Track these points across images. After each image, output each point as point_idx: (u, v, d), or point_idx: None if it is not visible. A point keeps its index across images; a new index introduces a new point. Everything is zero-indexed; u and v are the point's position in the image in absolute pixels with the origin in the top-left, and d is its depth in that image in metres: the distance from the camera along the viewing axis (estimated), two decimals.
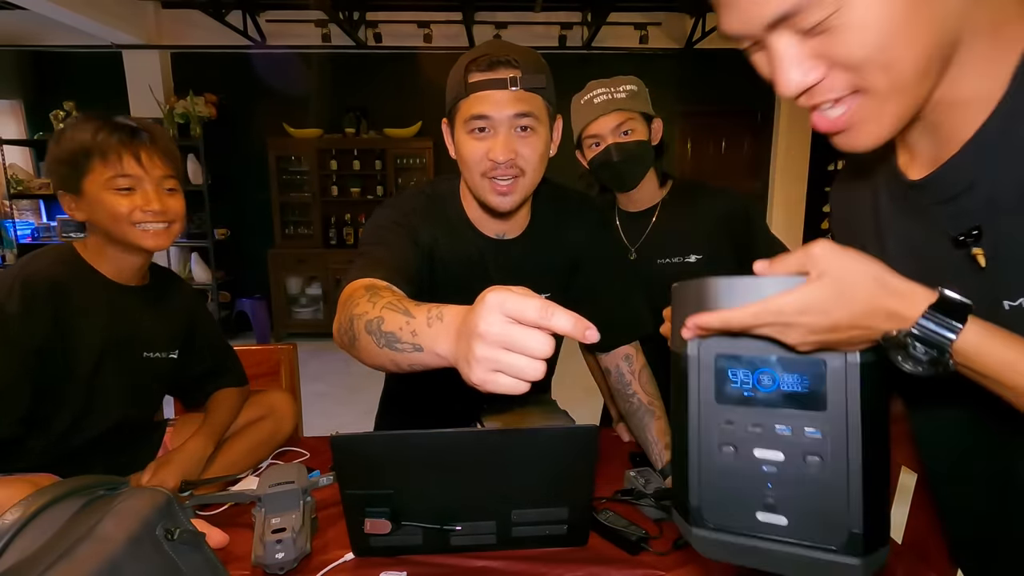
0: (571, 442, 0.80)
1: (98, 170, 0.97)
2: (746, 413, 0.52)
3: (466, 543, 0.85)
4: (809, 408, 0.51)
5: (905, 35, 0.44)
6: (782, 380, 0.51)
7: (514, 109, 0.90)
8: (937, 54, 0.46)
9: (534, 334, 0.49)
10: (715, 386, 0.54)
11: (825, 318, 0.46)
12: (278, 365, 1.48)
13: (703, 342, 0.54)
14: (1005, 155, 0.48)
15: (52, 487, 0.57)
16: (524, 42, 1.04)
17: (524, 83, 0.90)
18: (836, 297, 0.46)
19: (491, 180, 0.94)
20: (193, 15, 4.72)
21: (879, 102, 0.47)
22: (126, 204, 0.98)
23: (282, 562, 0.79)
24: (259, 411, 1.21)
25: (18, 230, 4.96)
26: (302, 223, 5.16)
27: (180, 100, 4.66)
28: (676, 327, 0.56)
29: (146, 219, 1.00)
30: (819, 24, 0.44)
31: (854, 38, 0.44)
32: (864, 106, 0.48)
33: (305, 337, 5.07)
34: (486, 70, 0.90)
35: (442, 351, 0.58)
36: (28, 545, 0.51)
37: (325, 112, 5.10)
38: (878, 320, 0.47)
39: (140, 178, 0.99)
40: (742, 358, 0.52)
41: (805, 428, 0.51)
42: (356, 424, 1.45)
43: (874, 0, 0.43)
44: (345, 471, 0.79)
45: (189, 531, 0.59)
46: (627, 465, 1.11)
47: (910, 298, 0.47)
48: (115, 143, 0.97)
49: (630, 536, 0.87)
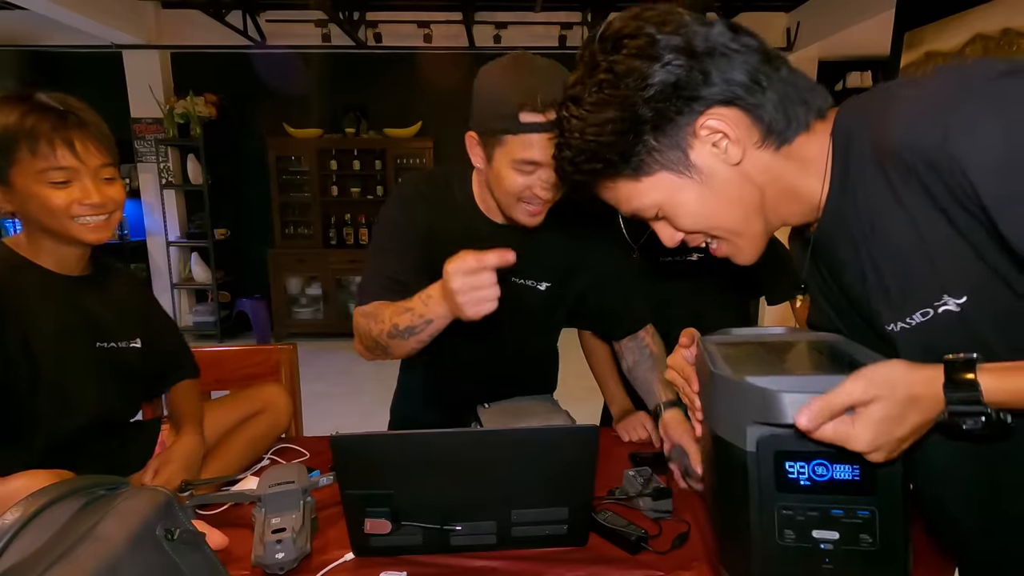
0: (571, 442, 0.80)
1: (27, 161, 0.89)
2: (804, 499, 0.59)
3: (466, 543, 0.85)
4: (860, 493, 0.59)
5: (714, 209, 0.63)
6: (835, 470, 0.58)
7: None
8: (750, 205, 0.63)
9: (480, 275, 0.80)
10: (775, 478, 0.60)
11: (897, 427, 0.52)
12: (278, 365, 1.48)
13: (761, 438, 0.59)
14: (857, 207, 0.59)
15: (53, 487, 0.57)
16: (524, 42, 1.05)
17: None
18: (902, 414, 0.52)
19: (525, 204, 1.00)
20: (193, 15, 4.72)
21: (731, 241, 0.66)
22: (62, 198, 0.91)
23: (282, 562, 0.79)
24: (255, 405, 1.20)
25: (18, 230, 4.96)
26: (302, 223, 5.16)
27: (180, 100, 4.67)
28: (726, 415, 0.62)
29: (85, 213, 0.93)
30: (657, 215, 0.67)
31: (680, 220, 0.65)
32: (723, 243, 0.67)
33: (305, 337, 5.07)
34: (538, 111, 0.91)
35: (443, 313, 0.88)
36: (28, 545, 0.51)
37: (325, 112, 5.10)
38: (928, 415, 0.53)
39: (76, 170, 0.92)
40: (799, 451, 0.59)
41: (857, 510, 0.59)
42: (356, 424, 1.45)
43: (687, 198, 0.63)
44: (345, 471, 0.80)
45: (189, 531, 0.59)
46: (627, 465, 1.11)
47: (934, 383, 0.52)
48: (46, 129, 0.88)
49: (630, 536, 0.86)
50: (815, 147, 0.60)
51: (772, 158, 0.61)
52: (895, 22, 3.63)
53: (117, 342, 1.06)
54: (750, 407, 0.58)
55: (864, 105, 0.59)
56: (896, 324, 0.60)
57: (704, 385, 0.68)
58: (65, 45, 4.80)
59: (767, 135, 0.59)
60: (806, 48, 4.82)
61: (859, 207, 0.58)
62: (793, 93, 0.59)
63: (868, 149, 0.56)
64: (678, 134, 0.60)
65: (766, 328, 0.86)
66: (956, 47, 3.19)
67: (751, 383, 0.57)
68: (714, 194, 0.62)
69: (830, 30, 4.39)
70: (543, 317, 1.21)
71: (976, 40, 3.07)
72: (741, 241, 0.65)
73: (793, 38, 4.92)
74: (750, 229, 0.64)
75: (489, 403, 1.15)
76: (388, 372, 1.47)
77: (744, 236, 0.65)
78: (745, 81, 0.58)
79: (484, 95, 0.97)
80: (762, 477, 0.60)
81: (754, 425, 0.59)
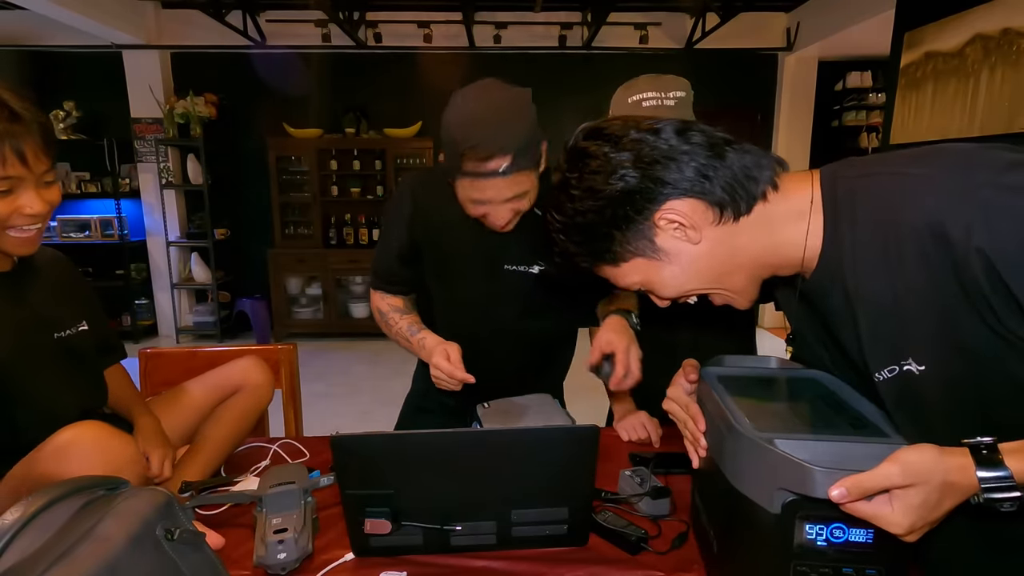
0: (571, 442, 0.80)
1: None
2: (818, 558, 0.63)
3: (466, 543, 0.85)
4: (870, 552, 0.62)
5: (686, 280, 0.72)
6: (851, 533, 0.62)
7: (507, 193, 1.02)
8: (721, 269, 0.71)
9: (451, 378, 1.07)
10: (795, 539, 0.63)
11: (932, 512, 0.55)
12: (278, 365, 1.48)
13: (787, 503, 0.61)
14: (845, 265, 0.65)
15: (52, 487, 0.57)
16: (524, 42, 1.06)
17: (515, 167, 0.98)
18: (938, 501, 0.55)
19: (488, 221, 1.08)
20: (193, 15, 4.72)
21: (721, 294, 0.74)
22: (3, 209, 0.82)
23: (284, 562, 0.79)
24: (231, 382, 1.15)
25: None
26: (302, 223, 5.16)
27: (180, 100, 4.67)
28: (751, 476, 0.64)
29: (23, 223, 0.85)
30: (641, 289, 0.76)
31: (661, 291, 0.74)
32: (716, 297, 0.75)
33: (305, 337, 5.07)
34: (480, 161, 0.97)
35: (424, 360, 1.16)
36: (28, 545, 0.51)
37: (325, 112, 5.10)
38: (960, 500, 0.56)
39: (21, 179, 0.83)
40: (820, 515, 0.62)
41: (866, 569, 0.63)
42: (356, 424, 1.45)
43: (662, 275, 0.72)
44: (345, 471, 0.80)
45: (189, 531, 0.59)
46: (627, 465, 1.11)
47: (968, 471, 0.55)
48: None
49: (629, 536, 0.86)
50: (782, 210, 0.68)
51: (733, 229, 0.69)
52: (895, 22, 3.63)
53: (70, 329, 0.99)
54: (781, 475, 0.60)
55: (864, 174, 0.65)
56: (877, 374, 0.68)
57: (723, 436, 0.70)
58: (65, 45, 4.80)
59: (722, 213, 0.68)
60: (806, 48, 4.82)
61: (851, 265, 0.65)
62: (740, 173, 0.67)
63: (869, 218, 0.62)
64: (641, 228, 0.69)
65: (759, 359, 0.90)
66: (956, 47, 3.19)
67: (785, 454, 0.59)
68: (683, 269, 0.71)
69: (830, 30, 4.39)
70: (538, 299, 1.24)
71: (976, 40, 3.07)
72: (729, 295, 0.74)
73: (793, 38, 4.92)
74: (732, 286, 0.73)
75: (489, 403, 1.15)
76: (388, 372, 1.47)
77: (729, 291, 0.74)
78: (693, 177, 0.67)
79: (444, 127, 1.01)
80: (783, 537, 0.63)
81: (782, 491, 0.61)
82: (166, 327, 5.23)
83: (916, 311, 0.61)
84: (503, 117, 0.98)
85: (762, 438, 0.62)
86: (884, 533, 0.57)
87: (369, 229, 5.13)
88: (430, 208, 1.19)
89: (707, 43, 4.79)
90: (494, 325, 1.25)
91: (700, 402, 0.81)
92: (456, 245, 1.20)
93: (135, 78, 4.82)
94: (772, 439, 0.61)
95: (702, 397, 0.81)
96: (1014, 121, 2.86)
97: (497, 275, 1.21)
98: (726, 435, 0.68)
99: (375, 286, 1.31)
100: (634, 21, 4.87)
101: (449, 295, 1.27)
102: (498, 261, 1.20)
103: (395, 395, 1.49)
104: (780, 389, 0.81)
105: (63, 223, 4.92)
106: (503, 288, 1.22)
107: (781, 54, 5.07)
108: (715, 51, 4.91)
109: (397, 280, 1.28)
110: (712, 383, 0.78)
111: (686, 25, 4.88)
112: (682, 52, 4.99)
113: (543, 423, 1.07)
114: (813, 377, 0.83)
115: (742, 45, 4.96)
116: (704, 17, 4.61)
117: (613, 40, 4.95)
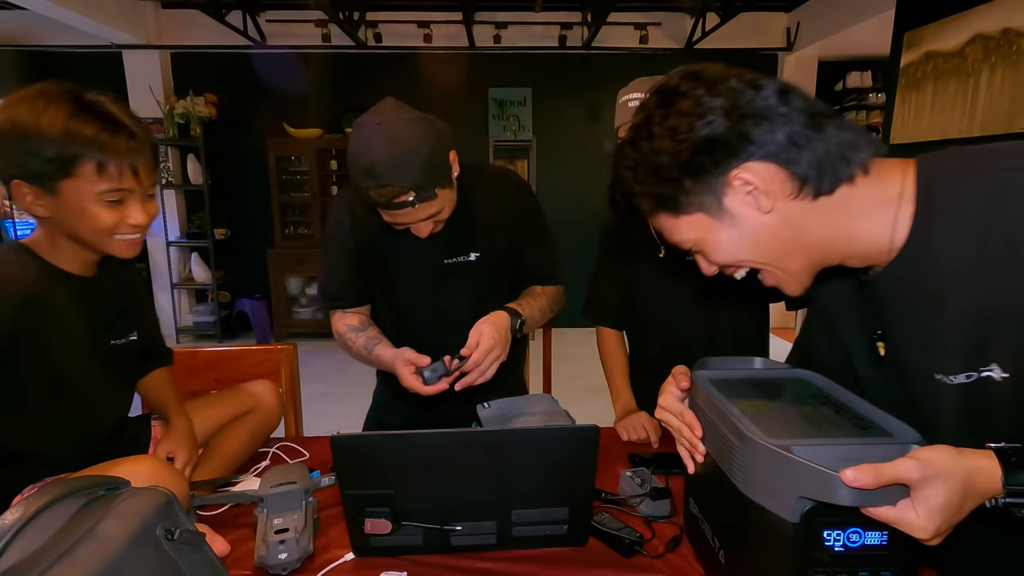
0: (571, 442, 0.80)
1: (88, 178, 0.85)
2: (835, 564, 0.63)
3: (466, 543, 0.85)
4: (885, 554, 0.63)
5: (743, 249, 0.68)
6: (866, 536, 0.62)
7: (423, 215, 1.07)
8: (783, 247, 0.67)
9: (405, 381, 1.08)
10: (813, 545, 0.63)
11: (956, 514, 0.55)
12: (278, 365, 1.48)
13: (807, 511, 0.60)
14: (934, 261, 0.62)
15: (52, 487, 0.57)
16: (524, 42, 1.08)
17: (420, 199, 1.03)
18: (960, 502, 0.55)
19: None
20: (193, 15, 4.72)
21: (775, 273, 0.70)
22: (112, 218, 0.89)
23: (285, 562, 0.79)
24: (244, 403, 1.20)
25: (18, 230, 4.96)
26: (302, 223, 5.16)
27: (180, 100, 4.66)
28: (767, 485, 0.63)
29: (128, 232, 0.93)
30: (692, 249, 0.72)
31: (713, 256, 0.70)
32: (768, 275, 0.71)
33: (305, 337, 5.07)
34: (386, 201, 1.02)
35: (385, 370, 1.21)
36: (28, 545, 0.51)
37: (325, 112, 5.09)
38: (980, 502, 0.56)
39: (132, 191, 0.91)
40: (839, 521, 0.62)
41: (881, 571, 0.64)
42: (356, 424, 1.45)
43: (720, 238, 0.68)
44: (345, 471, 0.79)
45: (189, 531, 0.59)
46: (626, 465, 1.11)
47: (993, 473, 0.55)
48: (119, 150, 0.86)
49: (624, 539, 0.86)
50: (868, 196, 0.64)
51: (809, 207, 0.65)
52: (895, 22, 3.63)
53: (124, 337, 1.06)
54: (802, 483, 0.59)
55: (967, 168, 0.63)
56: (949, 378, 0.65)
57: (731, 445, 0.69)
58: (65, 45, 4.80)
59: (802, 187, 0.63)
60: (806, 48, 4.82)
61: (943, 263, 0.62)
62: (835, 150, 0.62)
63: (972, 214, 0.60)
64: (713, 183, 0.65)
65: (742, 360, 0.90)
66: (956, 47, 3.19)
67: (806, 461, 0.59)
68: (743, 237, 0.67)
69: (830, 30, 4.39)
70: (476, 284, 1.28)
71: (976, 40, 3.07)
72: (782, 275, 0.71)
73: (793, 38, 4.92)
74: (788, 267, 0.69)
75: (489, 403, 1.15)
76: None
77: (784, 271, 0.70)
78: (783, 142, 0.62)
79: (350, 160, 1.05)
80: (803, 545, 0.62)
81: (802, 499, 0.60)
82: (166, 327, 5.23)
83: (1013, 314, 0.59)
84: (404, 150, 1.00)
85: (779, 445, 0.61)
86: (898, 535, 0.57)
87: None
88: (367, 217, 1.22)
89: (707, 43, 4.79)
90: (445, 320, 1.28)
91: (695, 406, 0.80)
92: (395, 249, 1.24)
93: (135, 78, 4.81)
94: (790, 446, 0.60)
95: (697, 401, 0.80)
96: (1014, 121, 2.86)
97: (439, 270, 1.25)
98: (736, 443, 0.67)
99: (326, 307, 1.33)
100: (634, 21, 4.86)
101: (398, 299, 1.30)
102: (437, 257, 1.25)
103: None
104: (773, 391, 0.81)
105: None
106: (447, 282, 1.26)
107: (781, 54, 5.07)
108: (715, 51, 4.90)
109: (349, 292, 1.29)
110: (707, 388, 0.77)
111: (686, 25, 4.88)
112: (682, 52, 4.99)
113: (543, 423, 1.07)
114: (801, 377, 0.83)
115: (742, 45, 4.96)
116: (704, 17, 4.61)
117: (613, 40, 4.95)
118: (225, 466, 1.12)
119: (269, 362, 1.47)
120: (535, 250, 1.33)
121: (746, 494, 0.66)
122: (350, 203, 1.26)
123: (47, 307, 0.91)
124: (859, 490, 0.55)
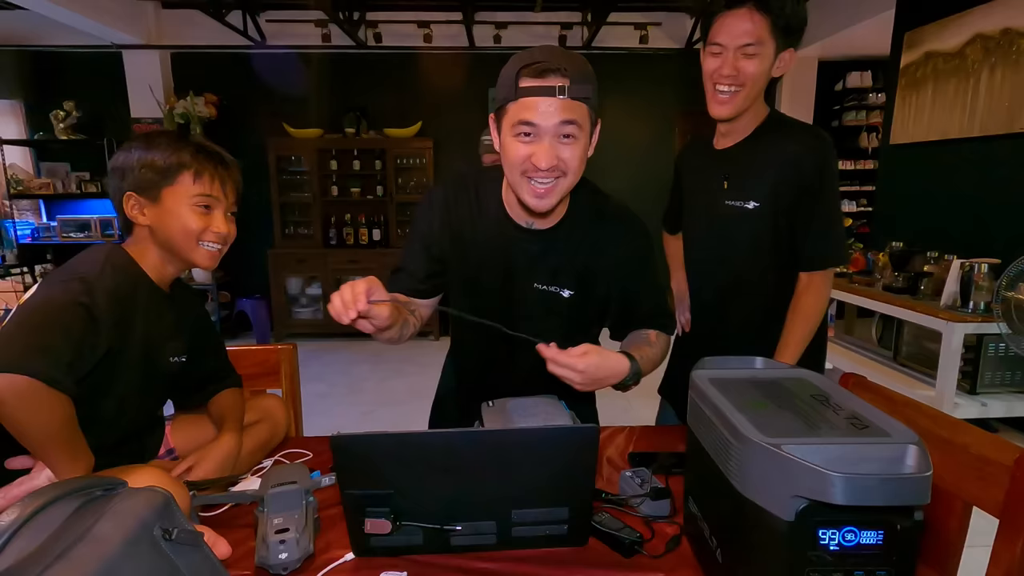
0: (571, 442, 0.80)
1: (186, 184, 1.03)
2: (831, 563, 0.63)
3: (466, 543, 0.85)
4: (880, 552, 0.63)
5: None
6: (862, 536, 0.62)
7: (560, 117, 0.94)
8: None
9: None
10: (808, 544, 0.63)
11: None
12: (278, 365, 1.47)
13: (802, 509, 0.61)
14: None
15: (50, 487, 0.57)
16: (524, 42, 1.06)
17: (572, 92, 0.93)
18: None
19: (530, 181, 0.98)
20: (193, 15, 4.73)
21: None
22: (201, 222, 1.04)
23: (286, 562, 0.79)
24: (255, 415, 1.22)
25: (18, 230, 4.96)
26: (302, 223, 5.16)
27: (180, 100, 4.67)
28: (762, 484, 0.64)
29: (211, 240, 1.06)
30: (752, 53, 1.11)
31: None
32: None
33: (305, 337, 5.07)
34: (537, 77, 0.93)
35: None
36: (25, 546, 0.51)
37: (325, 112, 5.10)
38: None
39: (218, 200, 1.07)
40: (835, 520, 0.62)
41: (876, 571, 0.63)
42: (356, 424, 1.45)
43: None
44: (345, 471, 0.79)
45: (187, 531, 0.59)
46: (627, 465, 1.11)
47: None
48: (211, 166, 1.05)
49: (623, 539, 0.86)
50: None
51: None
52: (895, 22, 3.63)
53: (178, 356, 1.12)
54: (798, 482, 0.60)
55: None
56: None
57: (728, 444, 0.69)
58: (65, 45, 4.80)
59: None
60: (806, 48, 4.82)
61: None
62: None
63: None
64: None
65: (743, 360, 0.90)
66: (956, 47, 3.19)
67: (800, 460, 0.59)
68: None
69: (830, 30, 4.39)
70: (571, 323, 1.18)
71: (976, 40, 3.07)
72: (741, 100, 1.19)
73: None
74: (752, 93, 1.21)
75: (493, 401, 1.15)
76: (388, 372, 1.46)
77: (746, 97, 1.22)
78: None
79: (501, 75, 0.98)
80: (798, 544, 0.63)
81: (797, 498, 0.60)
82: None
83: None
84: (566, 50, 0.97)
85: (774, 444, 0.61)
86: (894, 533, 0.58)
87: (369, 229, 5.13)
88: (462, 220, 1.14)
89: None
90: (517, 345, 1.10)
91: (696, 406, 0.80)
92: (483, 259, 1.15)
93: (135, 78, 4.82)
94: (784, 445, 0.61)
95: (697, 401, 0.80)
96: (1014, 121, 2.86)
97: (524, 293, 1.15)
98: (733, 442, 0.67)
99: (390, 289, 1.09)
100: (634, 21, 4.87)
101: (471, 307, 1.16)
102: (528, 278, 1.15)
103: (395, 395, 1.49)
104: (773, 391, 0.81)
105: (63, 223, 4.92)
106: (529, 307, 1.16)
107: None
108: None
109: (411, 284, 1.17)
110: (706, 387, 0.77)
111: (686, 25, 4.88)
112: (682, 52, 4.99)
113: (544, 423, 1.07)
114: (802, 377, 0.83)
115: None
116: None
117: (613, 40, 4.95)
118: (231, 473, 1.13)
119: (269, 362, 1.46)
120: (648, 298, 1.20)
121: (742, 493, 0.66)
122: (449, 203, 1.15)
123: (138, 308, 1.00)
124: (853, 489, 0.55)
